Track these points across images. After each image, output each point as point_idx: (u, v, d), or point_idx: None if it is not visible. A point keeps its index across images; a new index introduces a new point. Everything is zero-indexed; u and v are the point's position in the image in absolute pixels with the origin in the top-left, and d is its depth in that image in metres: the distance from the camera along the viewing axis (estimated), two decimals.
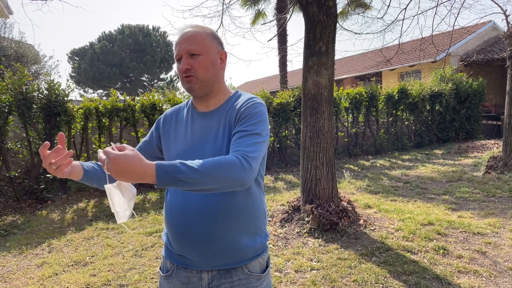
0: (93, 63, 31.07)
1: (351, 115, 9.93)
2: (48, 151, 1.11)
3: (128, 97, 7.22)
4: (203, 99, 1.34)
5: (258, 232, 1.35)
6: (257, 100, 1.30)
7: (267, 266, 1.38)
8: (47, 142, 1.13)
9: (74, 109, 6.62)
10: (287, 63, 14.18)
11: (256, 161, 1.13)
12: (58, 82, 6.31)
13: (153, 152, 1.45)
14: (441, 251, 3.58)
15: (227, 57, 1.37)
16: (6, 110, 5.91)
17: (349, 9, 10.87)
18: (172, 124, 1.41)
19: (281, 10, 12.01)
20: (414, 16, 6.60)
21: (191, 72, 1.27)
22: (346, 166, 8.60)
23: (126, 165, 0.95)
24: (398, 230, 4.19)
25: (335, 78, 5.96)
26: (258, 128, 1.21)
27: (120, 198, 1.06)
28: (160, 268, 1.43)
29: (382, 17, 6.72)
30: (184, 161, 1.02)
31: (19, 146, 6.38)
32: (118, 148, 1.00)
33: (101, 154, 0.99)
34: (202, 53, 1.27)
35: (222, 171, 1.04)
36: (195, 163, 1.02)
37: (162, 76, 35.20)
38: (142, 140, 1.50)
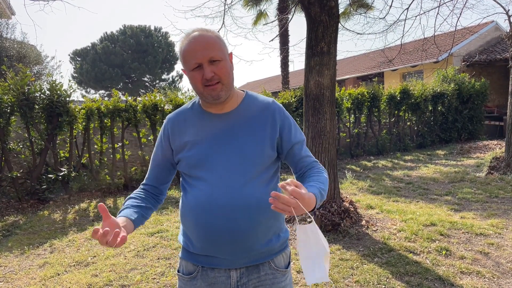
0: (95, 63, 31.18)
1: (353, 115, 9.92)
2: (101, 229, 1.03)
3: (130, 98, 7.22)
4: (223, 103, 1.31)
5: (281, 227, 1.37)
6: (280, 105, 1.40)
7: (289, 262, 1.39)
8: (97, 228, 1.03)
9: (76, 110, 6.62)
10: (289, 63, 14.19)
11: None
12: (60, 82, 6.31)
13: (171, 164, 1.41)
14: (444, 252, 3.57)
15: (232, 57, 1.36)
16: (9, 110, 5.93)
17: (351, 9, 10.86)
18: (184, 127, 1.36)
19: (283, 10, 12.02)
20: (416, 17, 6.59)
21: (216, 78, 1.23)
22: (348, 166, 8.59)
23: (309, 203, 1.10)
24: (400, 231, 4.18)
25: (337, 79, 5.95)
26: (302, 133, 1.42)
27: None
28: (179, 271, 1.39)
29: (384, 18, 6.71)
30: (319, 186, 1.21)
31: (21, 146, 6.38)
32: (293, 184, 1.09)
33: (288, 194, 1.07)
34: (222, 58, 1.24)
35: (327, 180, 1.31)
36: (320, 186, 1.23)
37: (164, 76, 35.29)
38: (154, 163, 1.42)
